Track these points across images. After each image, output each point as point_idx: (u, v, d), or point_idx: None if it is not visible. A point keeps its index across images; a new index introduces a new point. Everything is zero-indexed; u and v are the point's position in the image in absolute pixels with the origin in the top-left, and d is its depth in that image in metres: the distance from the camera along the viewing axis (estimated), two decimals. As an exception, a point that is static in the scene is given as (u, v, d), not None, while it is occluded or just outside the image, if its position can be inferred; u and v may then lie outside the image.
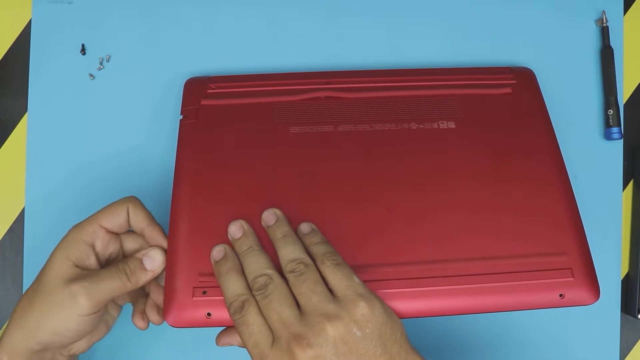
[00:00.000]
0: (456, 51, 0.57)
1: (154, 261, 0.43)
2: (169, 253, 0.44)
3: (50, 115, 0.55)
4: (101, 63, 0.56)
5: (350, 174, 0.46)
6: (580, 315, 0.54)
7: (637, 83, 0.57)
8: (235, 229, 0.43)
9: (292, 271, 0.40)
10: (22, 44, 0.56)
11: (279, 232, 0.42)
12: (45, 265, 0.43)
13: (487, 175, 0.47)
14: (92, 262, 0.43)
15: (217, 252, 0.42)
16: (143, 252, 0.44)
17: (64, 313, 0.41)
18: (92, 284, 0.41)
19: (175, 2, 0.56)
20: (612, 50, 0.56)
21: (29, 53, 0.56)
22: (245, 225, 0.43)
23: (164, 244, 0.44)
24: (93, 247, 0.43)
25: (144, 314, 0.46)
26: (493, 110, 0.50)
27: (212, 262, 0.42)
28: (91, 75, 0.55)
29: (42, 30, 0.56)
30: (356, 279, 0.40)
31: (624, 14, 0.57)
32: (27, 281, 0.54)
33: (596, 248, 0.46)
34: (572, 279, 0.43)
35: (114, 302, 0.47)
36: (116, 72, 0.56)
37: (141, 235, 0.45)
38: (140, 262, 0.43)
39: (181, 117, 0.50)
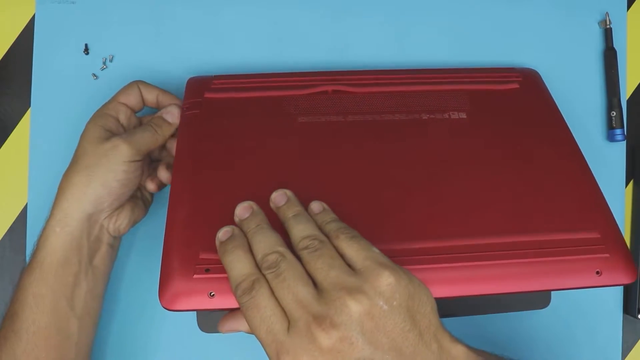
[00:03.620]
0: (460, 52, 0.57)
1: (174, 114, 0.49)
2: (167, 227, 0.40)
3: (53, 115, 0.55)
4: (104, 63, 0.55)
5: (362, 157, 0.44)
6: (581, 315, 0.54)
7: (638, 83, 0.58)
8: (243, 210, 0.39)
9: (305, 247, 0.36)
10: (24, 43, 0.56)
11: (290, 212, 0.38)
12: (80, 138, 0.47)
13: (509, 156, 0.45)
14: (120, 130, 0.48)
15: (224, 232, 0.38)
16: (161, 110, 0.49)
17: (110, 162, 0.45)
18: (129, 135, 0.46)
19: (178, 2, 0.56)
20: (615, 51, 0.56)
21: (32, 52, 0.55)
22: (255, 206, 0.39)
23: (177, 101, 0.50)
24: (118, 119, 0.48)
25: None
26: (502, 104, 0.50)
27: (217, 243, 0.38)
28: (94, 75, 0.55)
29: (45, 29, 0.55)
30: (375, 250, 0.36)
31: (627, 13, 0.58)
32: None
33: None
34: (608, 255, 0.40)
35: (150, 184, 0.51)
36: (119, 72, 0.55)
37: (155, 103, 0.51)
38: (162, 118, 0.49)
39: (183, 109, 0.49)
